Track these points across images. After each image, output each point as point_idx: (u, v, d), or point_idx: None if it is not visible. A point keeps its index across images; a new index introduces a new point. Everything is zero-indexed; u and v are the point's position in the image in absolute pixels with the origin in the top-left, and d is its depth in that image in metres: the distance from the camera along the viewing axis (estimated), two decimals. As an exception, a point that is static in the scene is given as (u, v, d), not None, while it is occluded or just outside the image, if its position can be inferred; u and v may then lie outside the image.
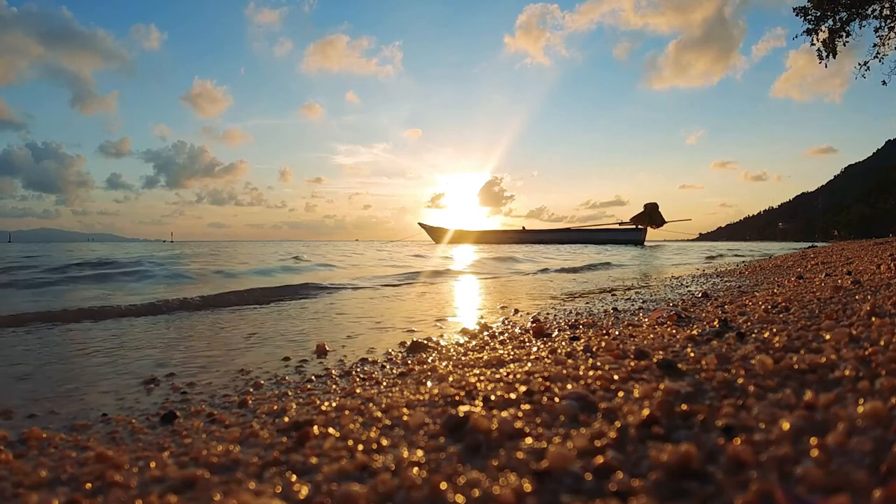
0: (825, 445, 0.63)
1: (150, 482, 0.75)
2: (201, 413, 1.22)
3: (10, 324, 2.75)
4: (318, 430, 0.89)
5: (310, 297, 4.10)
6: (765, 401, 0.82)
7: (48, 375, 1.70)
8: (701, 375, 0.98)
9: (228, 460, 0.81)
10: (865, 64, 11.32)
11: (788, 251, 13.94)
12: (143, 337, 2.44)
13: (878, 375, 0.87)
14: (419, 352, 1.87)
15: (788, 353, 1.08)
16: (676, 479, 0.60)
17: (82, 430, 1.13)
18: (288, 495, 0.66)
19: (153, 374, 1.64)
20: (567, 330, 2.11)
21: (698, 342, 1.32)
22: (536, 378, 1.06)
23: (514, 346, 1.77)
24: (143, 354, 2.02)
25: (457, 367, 1.41)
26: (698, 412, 0.78)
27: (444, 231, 39.79)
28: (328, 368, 1.68)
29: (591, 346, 1.45)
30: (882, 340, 1.07)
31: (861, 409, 0.71)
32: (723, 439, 0.69)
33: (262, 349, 2.07)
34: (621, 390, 0.93)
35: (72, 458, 0.91)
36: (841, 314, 1.53)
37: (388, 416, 0.95)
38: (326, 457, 0.77)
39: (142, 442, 1.01)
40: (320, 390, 1.39)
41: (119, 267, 6.55)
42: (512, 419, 0.82)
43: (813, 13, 11.03)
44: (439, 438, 0.79)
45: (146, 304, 3.34)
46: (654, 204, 36.41)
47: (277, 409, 1.17)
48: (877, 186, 69.61)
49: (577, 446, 0.70)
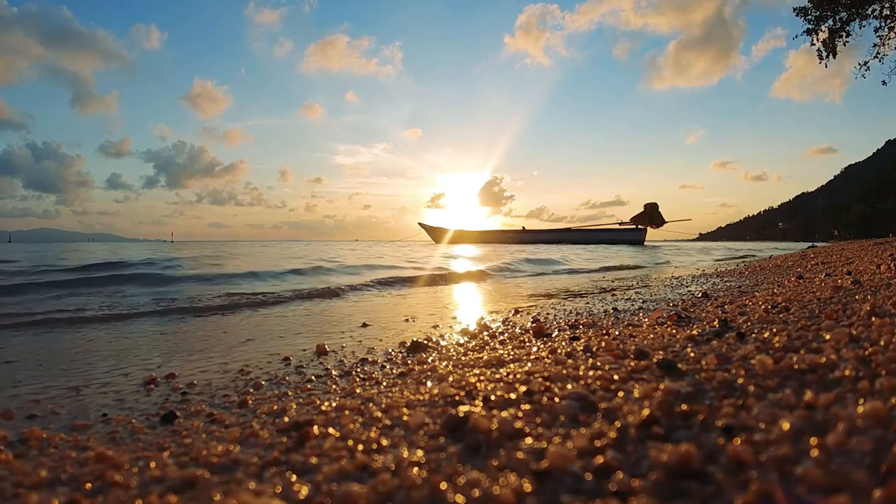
0: (825, 445, 0.63)
1: (150, 482, 0.75)
2: (201, 413, 1.22)
3: (40, 324, 2.76)
4: (318, 430, 0.89)
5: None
6: (765, 401, 0.82)
7: (48, 375, 1.70)
8: (701, 375, 0.98)
9: (228, 460, 0.81)
10: (865, 64, 11.32)
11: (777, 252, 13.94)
12: (143, 336, 2.44)
13: (878, 375, 0.86)
14: (419, 352, 1.87)
15: (788, 353, 1.08)
16: (676, 479, 0.60)
17: (82, 430, 1.13)
18: (288, 495, 0.66)
19: (153, 375, 1.64)
20: (567, 330, 2.11)
21: (698, 342, 1.32)
22: (536, 378, 1.06)
23: (514, 346, 1.77)
24: (145, 354, 2.02)
25: (457, 367, 1.41)
26: (698, 412, 0.78)
27: (444, 231, 39.80)
28: (328, 368, 1.68)
29: (591, 346, 1.45)
30: (882, 340, 1.07)
31: (861, 409, 0.71)
32: (723, 439, 0.69)
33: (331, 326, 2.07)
34: (621, 390, 0.93)
35: (72, 458, 0.91)
36: (841, 314, 1.53)
37: (388, 416, 0.95)
38: (326, 457, 0.77)
39: (142, 442, 1.01)
40: (320, 390, 1.39)
41: (161, 268, 6.43)
42: (512, 419, 0.82)
43: (813, 13, 11.03)
44: (439, 438, 0.79)
45: (230, 303, 3.57)
46: (654, 204, 36.41)
47: (277, 409, 1.17)
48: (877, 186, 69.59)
49: (577, 446, 0.70)
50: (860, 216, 70.26)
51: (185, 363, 1.86)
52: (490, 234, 39.40)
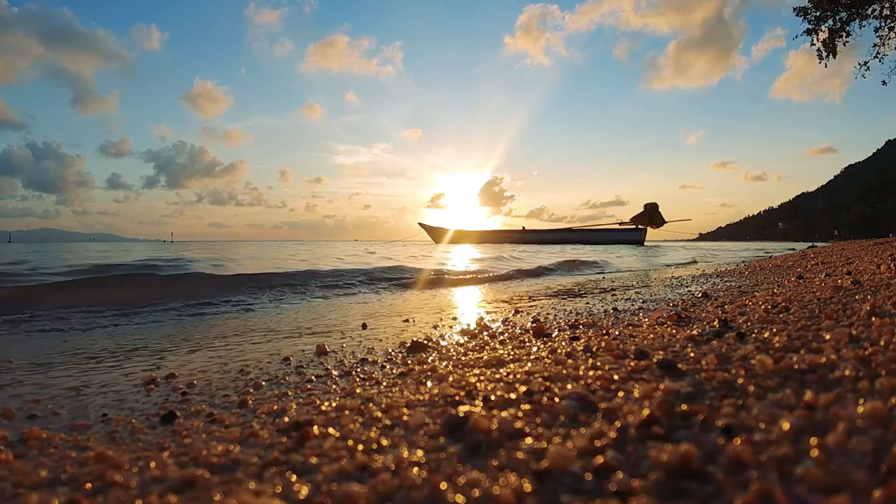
0: (825, 445, 0.63)
1: (150, 482, 0.75)
2: (201, 413, 1.22)
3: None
4: (318, 430, 0.89)
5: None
6: (765, 401, 0.82)
7: (49, 375, 1.70)
8: (701, 375, 0.98)
9: (228, 460, 0.81)
10: (865, 64, 11.32)
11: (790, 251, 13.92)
12: (141, 337, 2.44)
13: (878, 375, 0.86)
14: (419, 352, 1.87)
15: (788, 353, 1.08)
16: (676, 479, 0.60)
17: (82, 430, 1.13)
18: (288, 495, 0.66)
19: (153, 375, 1.64)
20: (567, 330, 2.10)
21: (698, 342, 1.32)
22: (536, 378, 1.06)
23: (514, 346, 1.77)
24: (143, 355, 2.02)
25: (457, 367, 1.41)
26: (698, 412, 0.78)
27: (444, 231, 39.80)
28: (328, 368, 1.68)
29: (591, 346, 1.45)
30: (882, 340, 1.07)
31: (861, 409, 0.71)
32: (723, 439, 0.69)
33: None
34: (621, 390, 0.93)
35: (72, 458, 0.91)
36: (841, 314, 1.53)
37: (388, 416, 0.95)
38: (326, 457, 0.77)
39: (142, 442, 1.01)
40: (320, 390, 1.39)
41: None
42: (512, 419, 0.82)
43: (813, 13, 11.03)
44: (439, 438, 0.79)
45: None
46: (654, 204, 36.42)
47: (277, 409, 1.17)
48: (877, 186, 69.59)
49: (577, 446, 0.70)
50: (860, 216, 70.25)
51: (185, 363, 1.86)
52: (490, 234, 39.42)
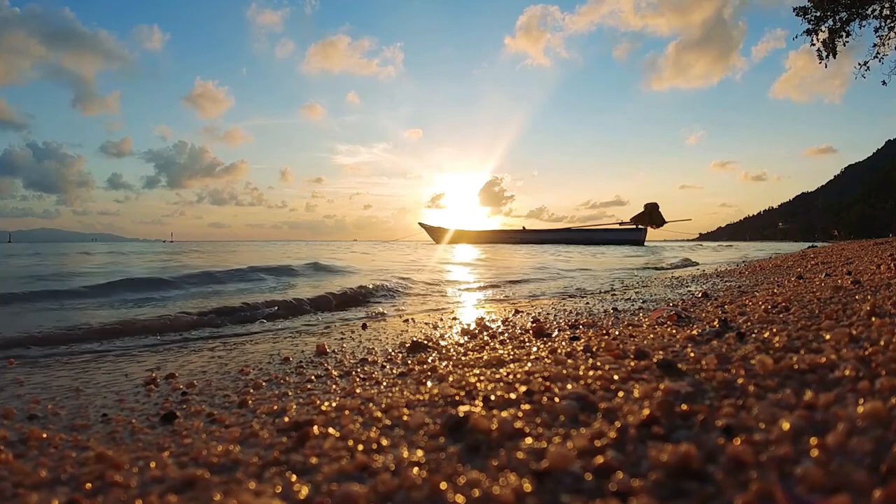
0: (825, 445, 0.63)
1: (150, 482, 0.75)
2: (201, 413, 1.22)
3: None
4: (318, 430, 0.89)
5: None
6: (765, 401, 0.82)
7: (49, 376, 1.70)
8: (701, 375, 0.98)
9: (228, 460, 0.81)
10: (865, 64, 11.31)
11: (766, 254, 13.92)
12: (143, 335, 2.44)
13: (878, 375, 0.86)
14: (419, 352, 1.87)
15: (788, 353, 1.08)
16: (676, 479, 0.60)
17: (82, 430, 1.13)
18: (288, 495, 0.66)
19: (154, 375, 1.64)
20: (567, 330, 2.10)
21: (698, 342, 1.32)
22: (536, 378, 1.06)
23: (514, 346, 1.77)
24: (144, 355, 2.02)
25: (457, 367, 1.41)
26: (698, 412, 0.78)
27: (444, 231, 39.81)
28: (328, 369, 1.68)
29: (591, 346, 1.45)
30: (882, 340, 1.07)
31: (861, 409, 0.71)
32: (723, 439, 0.69)
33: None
34: (621, 390, 0.93)
35: (72, 458, 0.91)
36: (841, 314, 1.53)
37: (388, 416, 0.95)
38: (326, 457, 0.77)
39: (142, 442, 1.01)
40: (320, 390, 1.38)
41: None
42: (512, 419, 0.82)
43: (813, 13, 11.02)
44: (439, 438, 0.79)
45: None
46: (654, 204, 36.42)
47: (277, 409, 1.17)
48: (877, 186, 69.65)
49: (577, 446, 0.70)
50: (860, 216, 70.28)
51: (185, 363, 1.86)
52: (490, 234, 39.43)
